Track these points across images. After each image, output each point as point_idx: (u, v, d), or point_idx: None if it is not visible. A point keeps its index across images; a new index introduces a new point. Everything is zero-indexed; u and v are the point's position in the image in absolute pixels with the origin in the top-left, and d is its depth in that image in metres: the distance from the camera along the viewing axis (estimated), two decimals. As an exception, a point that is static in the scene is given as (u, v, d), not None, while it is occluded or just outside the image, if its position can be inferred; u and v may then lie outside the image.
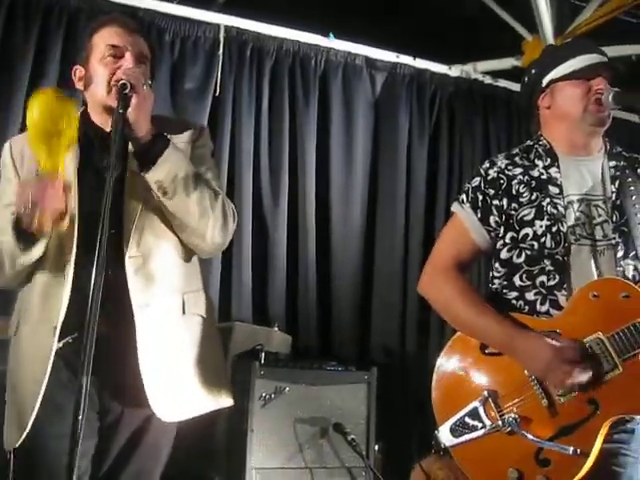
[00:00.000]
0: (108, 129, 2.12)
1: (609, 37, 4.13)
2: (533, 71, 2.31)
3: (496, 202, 2.14)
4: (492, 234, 2.16)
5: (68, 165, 2.04)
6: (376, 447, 3.66)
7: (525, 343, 1.98)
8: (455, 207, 2.24)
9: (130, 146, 2.04)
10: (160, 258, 2.07)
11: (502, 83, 5.15)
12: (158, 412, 1.99)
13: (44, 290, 2.05)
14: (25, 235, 1.95)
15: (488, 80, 5.13)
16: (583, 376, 1.91)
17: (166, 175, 1.99)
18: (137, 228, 2.04)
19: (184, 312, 2.10)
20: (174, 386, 2.04)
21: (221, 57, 4.38)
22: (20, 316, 2.10)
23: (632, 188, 2.14)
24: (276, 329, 3.96)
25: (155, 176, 1.99)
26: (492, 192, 2.15)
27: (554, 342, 1.94)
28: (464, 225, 2.19)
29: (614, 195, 2.13)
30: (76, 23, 4.06)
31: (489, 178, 2.18)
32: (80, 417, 1.61)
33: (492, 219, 2.15)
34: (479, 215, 2.16)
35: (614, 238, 2.09)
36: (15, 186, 2.04)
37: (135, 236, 2.04)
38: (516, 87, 5.05)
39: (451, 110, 5.01)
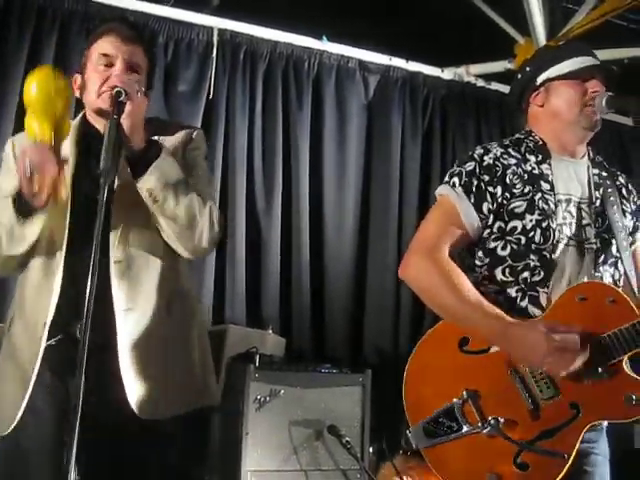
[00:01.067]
0: (102, 130, 2.16)
1: (601, 40, 4.14)
2: (527, 69, 2.30)
3: (490, 189, 2.09)
4: (483, 222, 2.09)
5: (66, 159, 2.07)
6: (370, 449, 3.66)
7: (521, 331, 1.92)
8: (445, 189, 2.14)
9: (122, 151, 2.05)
10: (145, 262, 2.09)
11: (495, 86, 5.17)
12: (138, 411, 1.99)
13: (37, 286, 2.06)
14: (24, 206, 1.97)
15: (481, 83, 5.15)
16: (580, 358, 1.88)
17: (157, 182, 2.02)
18: (123, 232, 2.07)
19: (169, 313, 2.11)
20: (155, 386, 2.04)
21: (215, 60, 4.39)
22: (14, 311, 2.13)
23: (612, 198, 2.15)
24: (270, 332, 3.96)
25: (147, 184, 2.02)
26: (487, 178, 2.10)
27: (546, 328, 1.89)
28: (455, 208, 2.09)
29: (598, 201, 2.14)
30: (69, 25, 4.06)
31: (484, 164, 2.12)
32: (77, 420, 1.64)
33: (485, 206, 2.08)
34: (472, 200, 2.08)
35: (595, 243, 2.09)
36: (16, 179, 2.06)
37: (121, 240, 2.06)
38: (508, 90, 5.08)
39: (444, 113, 5.02)
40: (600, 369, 1.91)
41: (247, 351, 3.58)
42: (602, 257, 2.09)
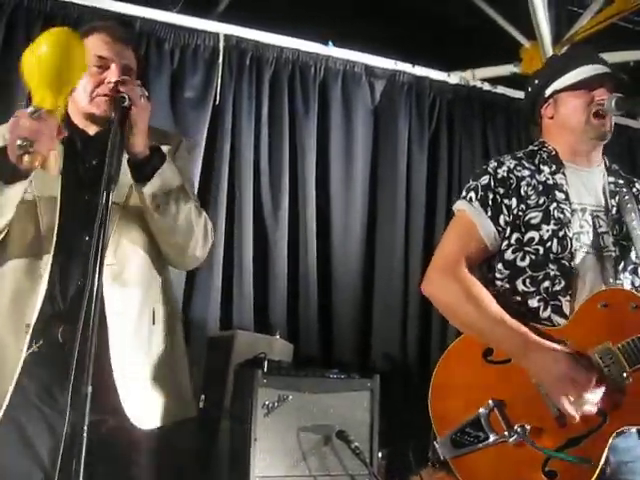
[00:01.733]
0: (91, 133, 2.13)
1: (607, 44, 4.16)
2: (536, 81, 2.32)
3: (506, 201, 2.12)
4: (500, 234, 2.13)
5: (53, 164, 1.98)
6: (379, 454, 3.65)
7: (538, 352, 1.93)
8: (462, 205, 2.19)
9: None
10: (136, 267, 2.08)
11: (501, 90, 5.16)
12: (133, 418, 1.98)
13: (18, 288, 2.00)
14: (12, 169, 1.86)
15: (487, 87, 5.14)
16: (588, 405, 1.88)
17: (160, 188, 2.00)
18: (115, 236, 2.04)
19: (153, 322, 2.11)
20: (146, 394, 2.04)
21: (221, 66, 4.38)
22: None
23: (629, 205, 2.15)
24: (278, 337, 3.95)
25: (151, 189, 2.00)
26: (502, 191, 2.13)
27: (567, 357, 1.90)
28: (473, 223, 2.14)
29: (614, 209, 2.15)
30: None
31: (499, 177, 2.15)
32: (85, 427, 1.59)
33: (502, 218, 2.12)
34: (489, 213, 2.12)
35: (614, 251, 2.09)
36: None
37: (112, 244, 2.02)
38: (515, 94, 5.10)
39: (450, 117, 5.01)
40: (625, 374, 1.91)
41: (255, 357, 3.57)
42: (622, 264, 2.09)
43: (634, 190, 2.23)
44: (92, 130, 2.12)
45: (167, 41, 4.27)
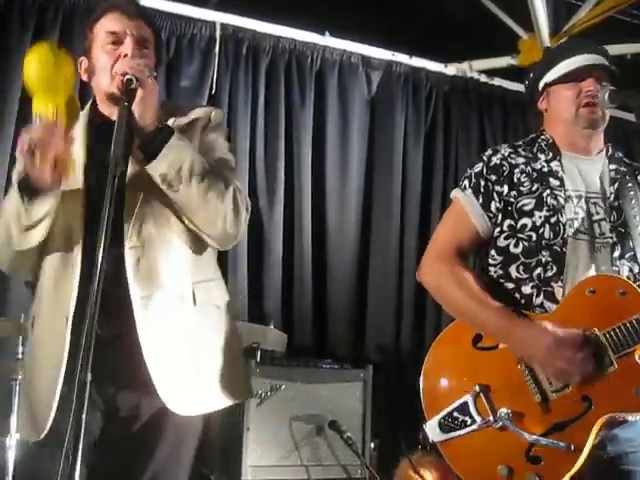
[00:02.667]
0: (114, 118, 2.10)
1: (605, 36, 4.13)
2: (531, 75, 2.33)
3: (497, 188, 2.14)
4: (492, 220, 2.14)
5: (77, 151, 2.02)
6: (372, 445, 3.67)
7: (525, 330, 1.96)
8: (456, 193, 2.22)
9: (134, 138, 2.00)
10: (163, 248, 2.01)
11: (498, 81, 5.17)
12: (171, 405, 1.92)
13: (55, 279, 2.01)
14: (30, 187, 1.91)
15: (484, 78, 5.15)
16: (584, 365, 1.89)
17: (170, 167, 1.94)
18: (137, 218, 1.99)
19: (195, 303, 2.03)
20: (186, 378, 1.97)
21: (217, 55, 4.38)
22: (36, 309, 2.06)
23: (632, 193, 2.14)
24: (272, 327, 3.95)
25: (159, 168, 1.94)
26: (494, 178, 2.15)
27: (555, 329, 1.93)
28: (465, 210, 2.16)
29: (612, 196, 2.14)
30: (71, 22, 4.05)
31: (491, 164, 2.17)
32: (84, 415, 1.56)
33: (493, 205, 2.14)
34: (480, 200, 2.14)
35: (611, 237, 2.09)
36: None
37: (135, 226, 1.98)
38: (512, 85, 5.09)
39: (447, 108, 5.02)
40: (610, 361, 1.91)
41: (249, 346, 3.56)
42: (619, 251, 2.08)
43: (639, 178, 2.21)
44: (114, 113, 2.02)
45: (163, 30, 4.24)
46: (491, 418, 1.97)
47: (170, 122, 2.07)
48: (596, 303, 1.97)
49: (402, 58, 4.91)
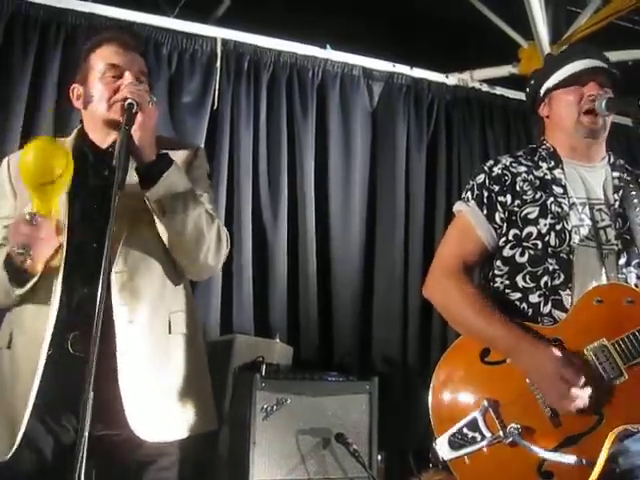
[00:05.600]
0: (104, 146, 2.15)
1: (605, 43, 4.12)
2: (532, 82, 2.32)
3: (501, 198, 2.13)
4: (498, 231, 2.13)
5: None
6: (379, 457, 3.64)
7: (531, 349, 1.94)
8: (459, 206, 2.21)
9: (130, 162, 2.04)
10: (147, 275, 2.06)
11: (499, 91, 5.16)
12: (137, 432, 1.95)
13: (36, 301, 2.03)
14: (18, 273, 1.97)
15: (485, 88, 5.14)
16: (579, 400, 1.87)
17: (166, 193, 1.99)
18: (125, 243, 2.03)
19: (170, 332, 2.09)
20: (155, 406, 2.00)
21: (219, 70, 4.39)
22: (12, 328, 2.09)
23: (635, 200, 2.13)
24: (277, 340, 3.95)
25: (156, 194, 1.99)
26: (497, 188, 2.14)
27: (558, 356, 1.90)
28: (470, 222, 2.16)
29: (617, 203, 2.13)
30: (74, 39, 4.06)
31: (493, 175, 2.16)
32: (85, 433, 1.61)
33: (497, 215, 2.13)
34: (485, 212, 2.14)
35: (617, 244, 2.07)
36: (11, 201, 2.08)
37: (122, 251, 2.02)
38: (513, 94, 5.09)
39: (449, 119, 5.01)
40: (620, 371, 1.90)
41: (254, 360, 3.57)
42: (625, 258, 2.06)
43: None
44: (111, 138, 2.13)
45: (165, 46, 4.28)
46: (501, 433, 1.94)
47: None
48: (604, 313, 1.95)
49: (403, 69, 4.91)
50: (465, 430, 1.98)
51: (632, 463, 1.95)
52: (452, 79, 5.07)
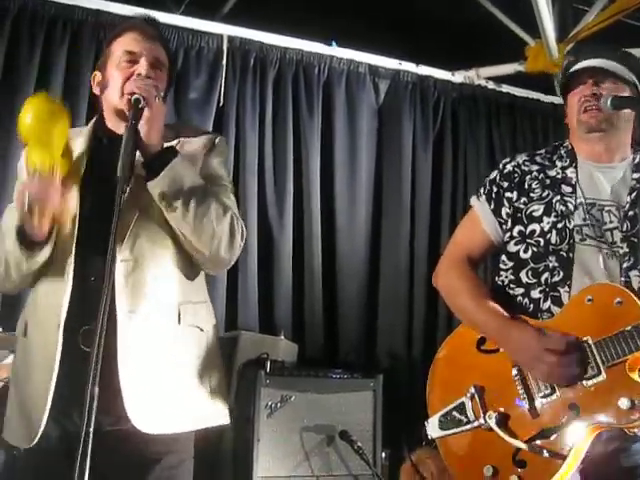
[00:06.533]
0: (120, 131, 2.12)
1: (612, 41, 4.12)
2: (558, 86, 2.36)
3: (508, 194, 2.19)
4: (503, 226, 2.19)
5: (76, 166, 2.06)
6: (383, 454, 3.65)
7: (518, 333, 2.00)
8: (472, 201, 2.30)
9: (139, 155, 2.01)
10: (154, 265, 2.03)
11: (505, 88, 5.16)
12: (138, 424, 1.92)
13: (48, 289, 2.03)
14: (29, 241, 1.97)
15: (491, 85, 5.14)
16: (567, 369, 1.90)
17: (170, 186, 1.97)
18: (132, 232, 2.01)
19: (179, 322, 2.05)
20: (156, 398, 1.97)
21: (224, 67, 4.40)
22: (27, 316, 2.09)
23: None
24: (282, 337, 3.95)
25: (159, 187, 1.97)
26: (505, 185, 2.21)
27: (540, 334, 1.96)
28: (478, 216, 2.24)
29: (628, 205, 2.10)
30: (80, 35, 4.09)
31: (505, 172, 2.23)
32: (91, 429, 1.59)
33: (504, 211, 2.19)
34: (492, 206, 2.21)
35: (622, 247, 2.06)
36: None
37: (129, 240, 2.00)
38: (519, 92, 5.08)
39: (455, 116, 5.01)
40: (599, 370, 1.90)
41: (258, 357, 3.58)
42: (630, 262, 2.04)
43: None
44: (123, 125, 2.07)
45: (171, 43, 4.26)
46: (482, 420, 2.03)
47: (175, 143, 2.11)
48: (593, 312, 1.96)
49: (409, 67, 4.92)
50: (454, 413, 2.09)
51: (635, 461, 1.97)
52: (458, 77, 5.07)
